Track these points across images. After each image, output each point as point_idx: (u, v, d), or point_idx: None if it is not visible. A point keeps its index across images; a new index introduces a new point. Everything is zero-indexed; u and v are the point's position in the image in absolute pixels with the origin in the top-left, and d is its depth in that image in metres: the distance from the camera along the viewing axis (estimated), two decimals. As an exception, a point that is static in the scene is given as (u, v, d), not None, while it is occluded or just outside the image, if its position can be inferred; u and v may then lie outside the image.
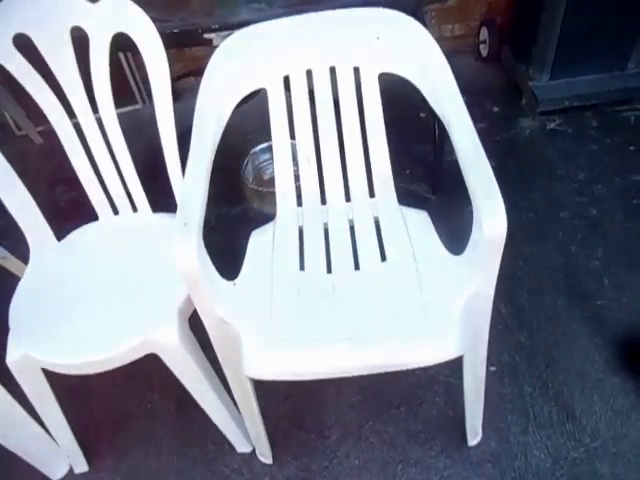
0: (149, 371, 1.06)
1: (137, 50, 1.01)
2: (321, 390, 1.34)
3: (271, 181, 1.92)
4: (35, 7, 0.99)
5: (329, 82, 1.07)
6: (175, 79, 2.13)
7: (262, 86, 1.07)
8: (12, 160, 1.12)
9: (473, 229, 0.89)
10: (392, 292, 0.99)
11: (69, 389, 1.12)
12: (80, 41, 1.05)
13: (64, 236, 1.23)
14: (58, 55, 1.03)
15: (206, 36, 1.26)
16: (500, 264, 0.84)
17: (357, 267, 1.06)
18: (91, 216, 1.26)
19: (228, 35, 1.24)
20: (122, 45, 1.05)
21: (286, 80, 1.08)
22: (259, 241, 1.14)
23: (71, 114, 1.12)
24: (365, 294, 1.01)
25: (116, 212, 1.25)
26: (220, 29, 1.25)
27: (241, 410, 1.12)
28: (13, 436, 1.14)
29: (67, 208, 1.48)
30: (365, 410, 1.30)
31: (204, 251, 0.90)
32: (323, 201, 1.20)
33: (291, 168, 1.17)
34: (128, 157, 1.16)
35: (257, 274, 1.06)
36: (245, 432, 1.21)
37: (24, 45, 1.03)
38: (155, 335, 0.98)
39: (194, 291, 0.91)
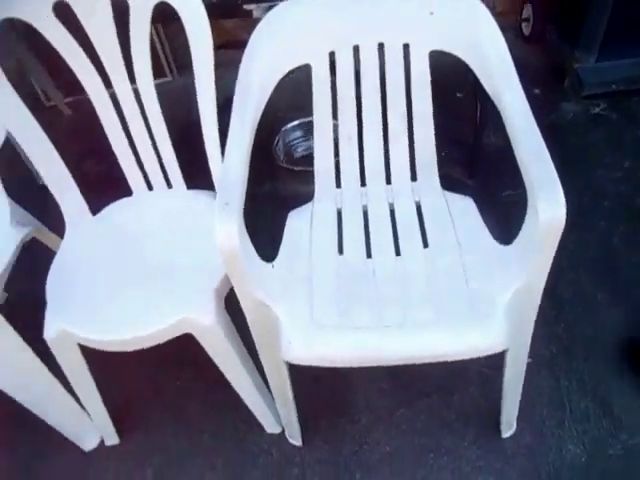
0: (181, 349, 1.05)
1: (169, 22, 0.97)
2: (351, 375, 1.32)
3: (302, 159, 1.90)
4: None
5: (377, 59, 1.02)
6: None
7: (306, 62, 1.03)
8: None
9: (527, 217, 0.85)
10: (436, 281, 0.96)
11: (102, 364, 1.12)
12: (119, 10, 1.02)
13: (96, 211, 1.22)
14: (97, 24, 1.00)
15: (246, 7, 1.21)
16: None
17: (398, 253, 1.03)
18: (123, 191, 1.24)
19: (269, 7, 1.20)
20: (156, 16, 1.01)
21: (331, 56, 1.03)
22: (296, 222, 1.12)
23: (107, 85, 1.09)
24: (407, 281, 0.98)
25: (150, 188, 1.23)
26: (260, 0, 1.21)
27: (274, 393, 1.11)
28: (49, 409, 1.15)
29: (98, 182, 1.47)
30: (396, 397, 1.28)
31: (245, 232, 0.88)
32: (362, 183, 1.17)
33: (331, 148, 1.13)
34: (165, 131, 1.13)
35: (295, 256, 1.04)
36: (275, 413, 1.20)
37: (63, 13, 1.00)
38: (192, 315, 0.97)
39: (234, 272, 0.89)
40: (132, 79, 1.09)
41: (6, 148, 1.11)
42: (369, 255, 1.04)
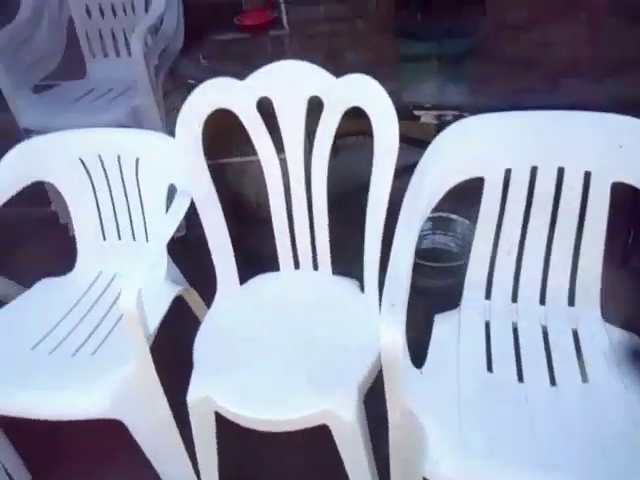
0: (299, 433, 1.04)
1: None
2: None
3: (424, 252, 1.91)
4: (284, 76, 1.06)
5: (554, 182, 1.02)
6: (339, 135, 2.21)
7: (480, 175, 1.05)
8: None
9: None
10: (598, 423, 0.89)
11: (225, 432, 1.13)
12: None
13: (242, 280, 1.28)
14: (290, 117, 1.09)
15: (416, 112, 1.27)
16: None
17: (552, 382, 0.98)
18: (269, 264, 1.30)
19: (439, 115, 1.25)
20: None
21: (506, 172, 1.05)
22: (443, 328, 1.10)
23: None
24: (564, 416, 0.92)
25: (297, 266, 1.28)
26: (432, 108, 1.26)
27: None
28: (167, 466, 1.17)
29: (246, 252, 1.53)
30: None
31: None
32: (513, 298, 1.14)
33: (488, 259, 1.12)
34: (325, 215, 1.18)
35: (442, 366, 1.01)
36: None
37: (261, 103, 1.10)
38: (334, 408, 0.96)
39: (392, 377, 0.88)
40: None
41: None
42: (520, 378, 0.99)
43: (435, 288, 1.62)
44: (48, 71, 2.16)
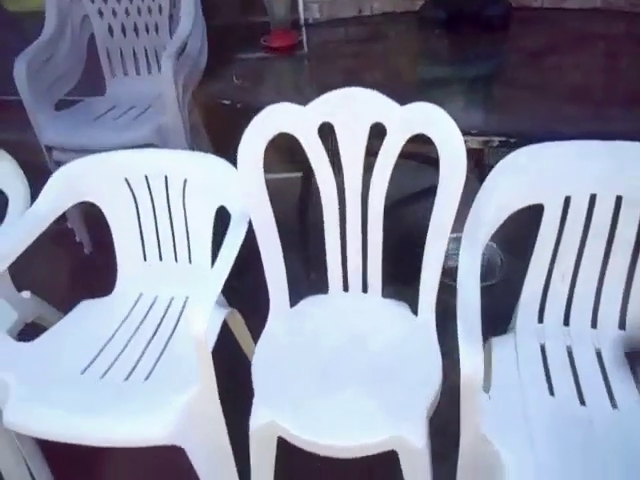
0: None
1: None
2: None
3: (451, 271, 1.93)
4: (350, 103, 1.08)
5: (611, 210, 1.05)
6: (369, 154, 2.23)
7: (540, 202, 1.07)
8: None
9: None
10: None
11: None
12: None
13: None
14: (352, 142, 1.11)
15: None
16: None
17: (614, 405, 1.00)
18: (317, 286, 1.30)
19: (487, 141, 1.28)
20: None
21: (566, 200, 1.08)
22: (502, 352, 1.11)
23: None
24: (629, 439, 0.93)
25: (346, 289, 1.29)
26: (478, 134, 1.29)
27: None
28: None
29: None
30: None
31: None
32: (565, 322, 1.16)
33: (542, 284, 1.14)
34: (380, 237, 1.19)
35: (507, 390, 1.03)
36: None
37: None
38: (405, 434, 0.96)
39: (470, 403, 0.89)
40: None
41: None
42: (582, 401, 1.01)
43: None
44: (69, 88, 2.15)
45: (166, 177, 1.31)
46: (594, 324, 1.15)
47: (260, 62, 1.90)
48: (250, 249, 1.18)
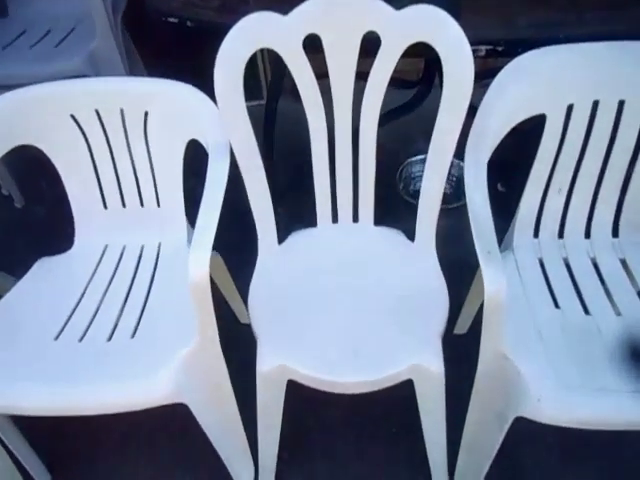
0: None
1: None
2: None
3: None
4: (335, 9, 0.95)
5: (614, 115, 1.02)
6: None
7: (542, 112, 1.03)
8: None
9: None
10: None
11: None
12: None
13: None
14: (341, 55, 0.99)
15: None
16: None
17: (617, 312, 1.02)
18: (301, 219, 1.22)
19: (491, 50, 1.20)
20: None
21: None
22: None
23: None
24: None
25: (335, 220, 1.21)
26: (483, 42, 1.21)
27: (475, 450, 1.08)
28: (224, 440, 1.10)
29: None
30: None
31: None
32: (559, 234, 1.16)
33: (539, 198, 1.12)
34: (373, 162, 1.11)
35: (516, 307, 1.02)
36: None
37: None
38: (424, 362, 0.94)
39: (494, 323, 0.87)
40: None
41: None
42: (586, 311, 1.03)
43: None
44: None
45: (122, 110, 1.14)
46: (587, 234, 1.16)
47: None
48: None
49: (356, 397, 0.96)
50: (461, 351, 1.00)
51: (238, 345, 1.04)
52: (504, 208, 1.12)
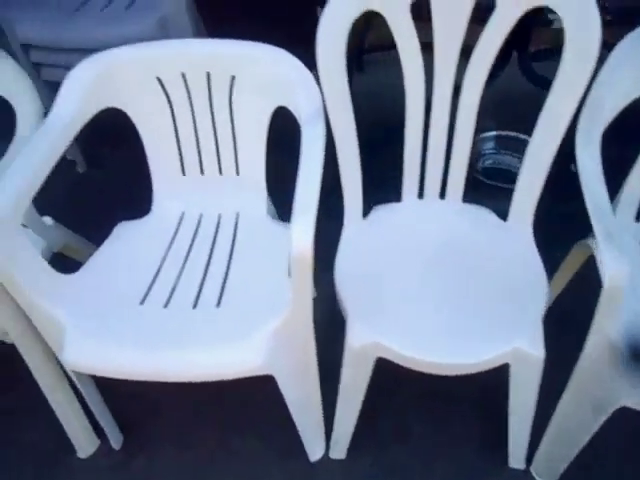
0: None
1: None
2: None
3: (485, 171, 1.84)
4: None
5: None
6: (366, 50, 2.02)
7: None
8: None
9: None
10: None
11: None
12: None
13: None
14: (450, 21, 0.93)
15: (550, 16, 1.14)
16: None
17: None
18: (386, 194, 1.18)
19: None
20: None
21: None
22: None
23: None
24: None
25: (421, 196, 1.17)
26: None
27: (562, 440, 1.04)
28: (303, 413, 1.10)
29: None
30: None
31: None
32: None
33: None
34: (470, 135, 1.06)
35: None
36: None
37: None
38: (524, 346, 0.90)
39: (612, 306, 0.83)
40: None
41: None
42: None
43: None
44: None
45: (208, 74, 1.11)
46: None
47: None
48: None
49: (433, 376, 0.94)
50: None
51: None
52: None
